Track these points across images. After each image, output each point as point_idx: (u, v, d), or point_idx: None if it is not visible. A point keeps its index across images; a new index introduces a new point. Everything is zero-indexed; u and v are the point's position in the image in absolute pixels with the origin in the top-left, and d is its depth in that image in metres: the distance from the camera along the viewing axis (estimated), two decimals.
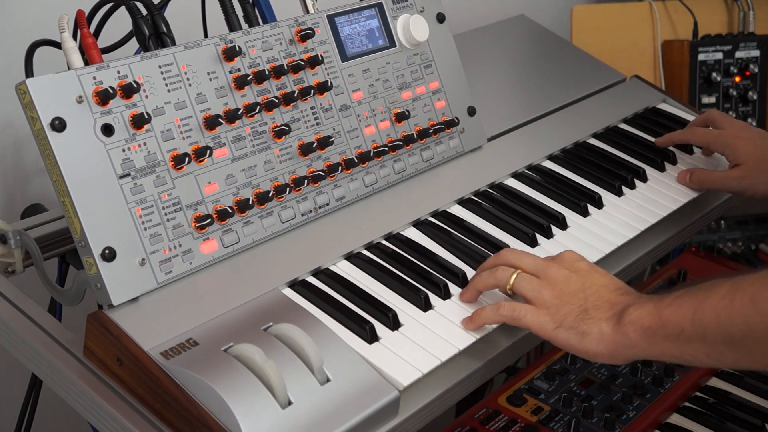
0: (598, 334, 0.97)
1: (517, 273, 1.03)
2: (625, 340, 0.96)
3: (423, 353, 0.97)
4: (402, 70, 1.26)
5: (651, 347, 0.95)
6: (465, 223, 1.20)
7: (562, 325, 0.99)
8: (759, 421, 1.31)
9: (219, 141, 1.05)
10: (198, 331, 0.92)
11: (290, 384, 0.87)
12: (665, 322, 0.94)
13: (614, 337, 0.96)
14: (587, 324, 0.98)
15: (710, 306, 0.91)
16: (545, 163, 1.39)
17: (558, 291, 1.01)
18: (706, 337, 0.91)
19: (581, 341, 0.98)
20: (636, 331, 0.95)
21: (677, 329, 0.93)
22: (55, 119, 0.92)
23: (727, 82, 1.95)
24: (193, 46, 1.05)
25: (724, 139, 1.38)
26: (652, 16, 1.99)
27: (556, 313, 1.00)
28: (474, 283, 1.06)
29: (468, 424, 1.26)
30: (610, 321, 0.97)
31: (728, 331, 0.90)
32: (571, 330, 0.99)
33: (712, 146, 1.41)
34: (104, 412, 0.90)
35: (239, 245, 1.04)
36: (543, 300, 1.01)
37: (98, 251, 0.92)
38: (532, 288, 1.02)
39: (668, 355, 0.95)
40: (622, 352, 0.97)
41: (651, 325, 0.94)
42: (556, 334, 0.99)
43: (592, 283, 1.02)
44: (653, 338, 0.94)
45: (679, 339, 0.93)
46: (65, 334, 0.97)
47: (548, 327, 1.00)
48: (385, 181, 1.21)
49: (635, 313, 0.96)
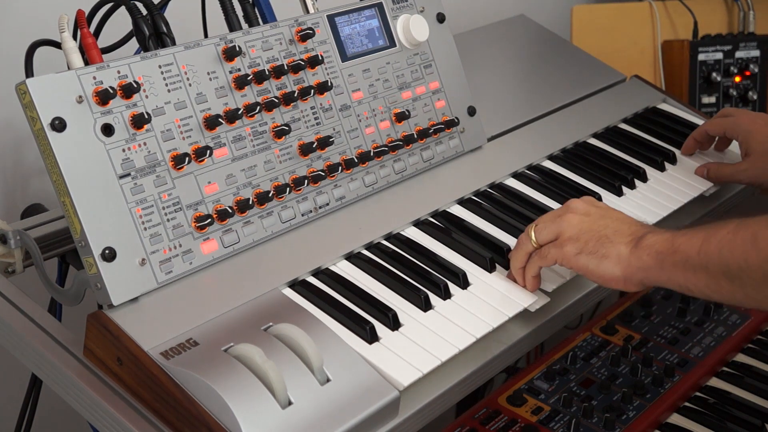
0: (615, 256, 1.02)
1: (534, 228, 1.09)
2: (639, 263, 1.01)
3: (423, 353, 0.97)
4: (402, 70, 1.26)
5: (661, 272, 1.00)
6: (465, 223, 1.20)
7: (583, 250, 1.04)
8: (759, 421, 1.31)
9: (219, 141, 1.05)
10: (198, 331, 0.92)
11: (290, 384, 0.87)
12: (676, 249, 0.99)
13: (630, 259, 1.02)
14: (606, 247, 1.03)
15: (716, 239, 0.96)
16: (545, 163, 1.39)
17: (579, 218, 1.07)
18: (708, 267, 0.96)
19: (599, 265, 1.03)
20: (650, 255, 1.00)
21: (684, 257, 0.98)
22: (55, 119, 0.92)
23: (727, 82, 1.95)
24: (193, 46, 1.05)
25: (739, 123, 1.40)
26: (652, 16, 1.99)
27: (578, 240, 1.05)
28: (513, 264, 1.10)
29: (468, 424, 1.26)
30: (629, 244, 1.03)
31: (727, 264, 0.94)
32: (591, 255, 1.04)
33: (728, 132, 1.42)
34: (104, 412, 0.90)
35: (239, 245, 1.04)
36: (563, 231, 1.06)
37: (98, 251, 0.92)
38: (550, 230, 1.07)
39: (674, 282, 1.00)
40: (635, 274, 1.02)
41: (663, 250, 1.00)
42: (577, 259, 1.04)
43: (613, 214, 1.08)
44: (663, 263, 0.99)
45: (686, 267, 0.98)
46: (65, 334, 0.97)
47: (570, 254, 1.05)
48: (385, 181, 1.21)
49: (653, 238, 1.01)
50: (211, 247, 1.01)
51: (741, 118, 1.41)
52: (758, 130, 1.37)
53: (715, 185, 1.41)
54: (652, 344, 1.44)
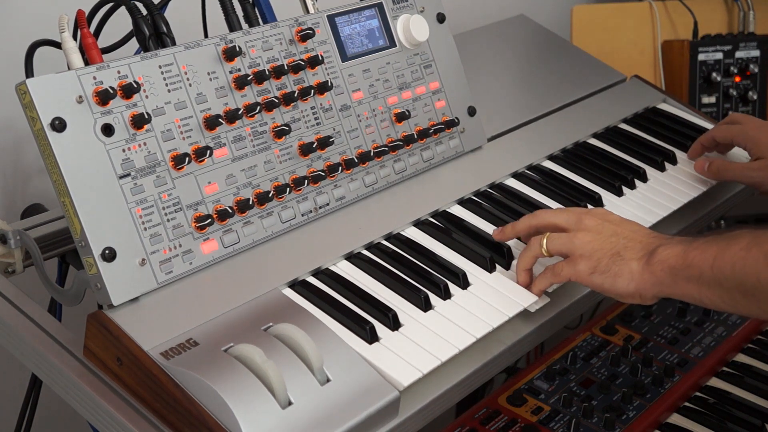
0: (628, 273, 1.03)
1: (547, 237, 1.08)
2: (653, 278, 1.01)
3: (423, 353, 0.97)
4: (402, 70, 1.26)
5: (674, 287, 1.00)
6: (465, 223, 1.20)
7: (596, 270, 1.04)
8: (759, 421, 1.31)
9: (219, 141, 1.05)
10: (198, 331, 0.92)
11: (290, 384, 0.87)
12: (689, 264, 0.99)
13: (643, 275, 1.02)
14: (618, 265, 1.03)
15: (729, 255, 0.96)
16: (545, 163, 1.39)
17: (591, 237, 1.06)
18: (722, 283, 0.97)
19: (614, 284, 1.03)
20: (663, 270, 1.00)
21: (698, 272, 0.98)
22: (55, 119, 0.92)
23: (727, 82, 1.95)
24: (193, 46, 1.05)
25: (747, 132, 1.40)
26: (652, 16, 1.99)
27: (590, 258, 1.05)
28: (519, 265, 1.11)
29: (468, 424, 1.26)
30: (641, 260, 1.03)
31: (741, 281, 0.95)
32: (604, 274, 1.04)
33: (736, 140, 1.42)
34: (104, 412, 0.90)
35: (239, 245, 1.04)
36: (576, 249, 1.06)
37: (98, 251, 0.92)
38: (562, 243, 1.07)
39: (689, 296, 1.01)
40: (649, 289, 1.02)
41: (676, 265, 1.00)
42: (591, 279, 1.05)
43: (625, 228, 1.08)
44: (676, 278, 1.00)
45: (700, 282, 0.98)
46: (65, 334, 0.97)
47: (584, 273, 1.05)
48: (385, 181, 1.21)
49: (665, 252, 1.01)
50: (211, 247, 1.01)
51: (749, 125, 1.41)
52: (766, 136, 1.37)
53: (712, 181, 1.41)
54: (652, 344, 1.44)
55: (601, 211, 1.12)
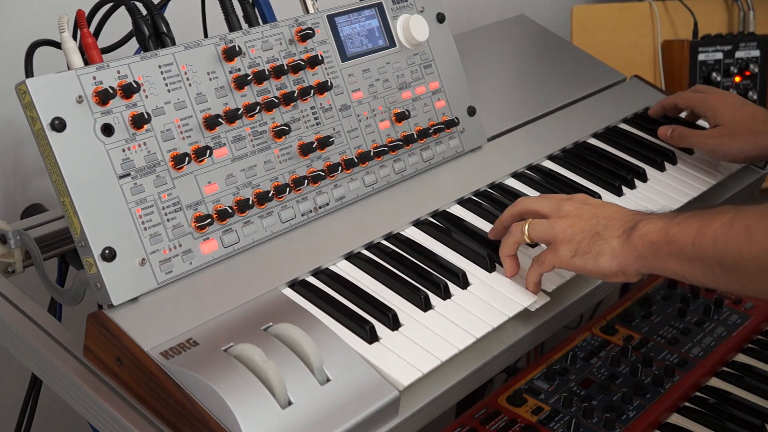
0: (610, 251, 1.02)
1: (528, 223, 1.08)
2: (634, 252, 1.01)
3: (423, 353, 0.97)
4: (402, 70, 1.26)
5: (656, 261, 1.00)
6: (465, 223, 1.20)
7: (577, 252, 1.04)
8: (759, 421, 1.31)
9: (219, 141, 1.05)
10: (198, 331, 0.92)
11: (290, 384, 0.87)
12: (671, 239, 0.98)
13: (624, 251, 1.01)
14: (599, 245, 1.03)
15: (711, 230, 0.96)
16: (545, 163, 1.39)
17: (570, 221, 1.06)
18: (704, 258, 0.96)
19: (596, 263, 1.03)
20: (644, 244, 1.00)
21: (679, 247, 0.97)
22: (55, 119, 0.92)
23: (727, 82, 1.95)
24: (193, 46, 1.05)
25: (708, 101, 1.44)
26: (652, 16, 1.99)
27: (571, 242, 1.05)
28: (501, 252, 1.11)
29: (468, 424, 1.26)
30: (621, 237, 1.02)
31: (722, 256, 0.94)
32: (586, 255, 1.03)
33: (697, 108, 1.47)
34: (104, 412, 0.90)
35: (239, 245, 1.04)
36: (556, 235, 1.06)
37: (98, 251, 0.92)
38: (543, 230, 1.07)
39: (671, 271, 1.00)
40: (631, 265, 1.01)
41: (657, 240, 0.99)
42: (573, 262, 1.04)
43: (605, 210, 1.07)
44: (658, 253, 0.99)
45: (680, 257, 0.97)
46: (65, 334, 0.97)
47: (566, 257, 1.05)
48: (385, 181, 1.21)
49: (645, 227, 1.01)
50: (211, 247, 1.01)
51: (711, 95, 1.45)
52: (725, 106, 1.41)
53: (712, 180, 1.42)
54: (652, 344, 1.44)
55: (581, 197, 1.11)
